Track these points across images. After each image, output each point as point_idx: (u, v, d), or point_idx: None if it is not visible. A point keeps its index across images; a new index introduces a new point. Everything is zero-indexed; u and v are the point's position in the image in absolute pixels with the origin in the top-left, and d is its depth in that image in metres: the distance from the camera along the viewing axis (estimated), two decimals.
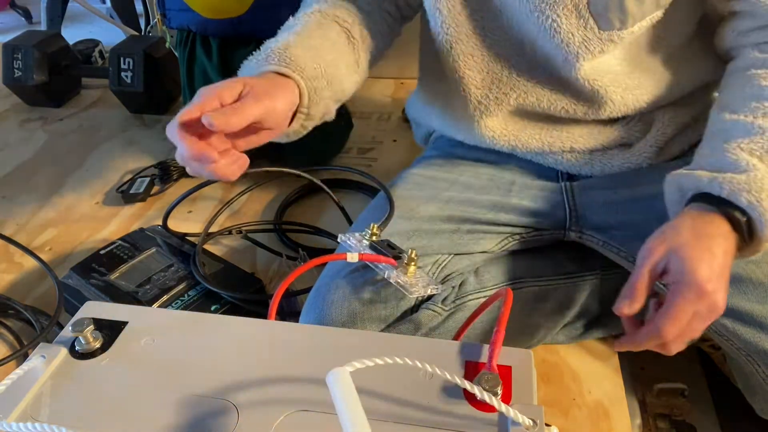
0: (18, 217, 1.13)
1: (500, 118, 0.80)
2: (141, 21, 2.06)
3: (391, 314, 0.69)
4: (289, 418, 0.45)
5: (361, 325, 0.68)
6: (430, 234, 0.75)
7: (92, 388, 0.48)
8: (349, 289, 0.69)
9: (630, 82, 0.73)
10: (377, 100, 1.50)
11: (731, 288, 0.64)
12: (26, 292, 0.95)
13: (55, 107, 1.51)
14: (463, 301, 0.72)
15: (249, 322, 0.55)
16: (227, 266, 0.90)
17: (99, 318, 0.54)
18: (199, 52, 1.17)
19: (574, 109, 0.76)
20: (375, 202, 0.84)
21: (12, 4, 2.56)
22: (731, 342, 0.66)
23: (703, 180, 0.59)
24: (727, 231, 0.57)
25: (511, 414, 0.43)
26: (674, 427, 0.85)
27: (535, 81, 0.76)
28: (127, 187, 1.17)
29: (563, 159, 0.80)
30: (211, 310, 0.81)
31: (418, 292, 0.65)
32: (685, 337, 0.57)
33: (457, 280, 0.74)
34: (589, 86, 0.72)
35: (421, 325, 0.69)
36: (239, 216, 1.10)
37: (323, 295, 0.70)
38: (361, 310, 0.68)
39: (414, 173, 0.86)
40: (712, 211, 0.58)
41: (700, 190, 0.59)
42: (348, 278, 0.70)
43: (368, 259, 0.66)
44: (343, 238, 0.72)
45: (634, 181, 0.77)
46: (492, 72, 0.77)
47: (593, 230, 0.77)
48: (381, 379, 0.47)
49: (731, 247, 0.57)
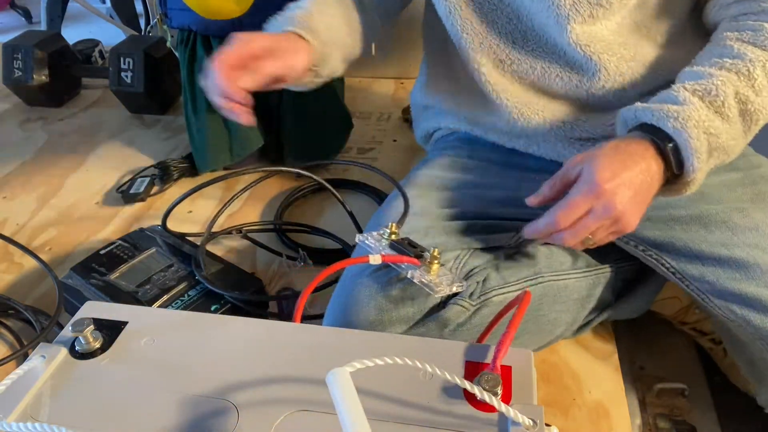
0: (18, 217, 1.13)
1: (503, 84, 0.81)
2: (141, 21, 2.06)
3: (418, 311, 0.69)
4: (289, 418, 0.45)
5: (389, 324, 0.68)
6: (447, 230, 0.75)
7: (92, 388, 0.48)
8: (375, 288, 0.69)
9: (624, 52, 0.75)
10: (377, 100, 1.50)
11: (739, 273, 0.66)
12: (26, 292, 0.95)
13: (55, 107, 1.51)
14: (487, 297, 0.72)
15: (249, 322, 0.55)
16: (227, 266, 0.90)
17: (99, 318, 0.54)
18: (200, 52, 1.17)
19: (568, 77, 0.77)
20: (387, 201, 0.83)
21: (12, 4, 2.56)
22: (743, 328, 0.67)
23: (638, 109, 0.64)
24: (651, 154, 0.61)
25: (511, 414, 0.43)
26: (674, 427, 0.85)
27: (529, 49, 0.79)
28: (127, 187, 1.17)
29: (564, 147, 0.80)
30: (211, 310, 0.81)
31: (443, 291, 0.64)
32: (579, 231, 0.62)
33: (480, 275, 0.74)
34: (581, 52, 0.74)
35: (449, 322, 0.69)
36: (239, 215, 1.10)
37: (348, 295, 0.70)
38: (389, 308, 0.68)
39: (421, 173, 0.86)
40: (640, 136, 0.62)
41: (637, 120, 0.64)
42: (372, 277, 0.70)
43: (391, 260, 0.65)
44: (360, 239, 0.71)
45: None
46: (489, 39, 0.80)
47: None
48: (381, 379, 0.47)
49: (653, 169, 0.61)
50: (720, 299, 0.68)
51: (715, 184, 0.73)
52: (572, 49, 0.74)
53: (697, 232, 0.70)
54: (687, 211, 0.72)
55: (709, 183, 0.73)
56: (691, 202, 0.72)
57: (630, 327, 0.91)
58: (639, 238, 0.75)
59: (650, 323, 0.95)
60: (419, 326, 0.69)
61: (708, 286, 0.68)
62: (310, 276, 0.95)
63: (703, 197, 0.72)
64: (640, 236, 0.74)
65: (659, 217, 0.73)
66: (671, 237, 0.72)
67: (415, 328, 0.68)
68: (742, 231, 0.68)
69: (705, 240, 0.69)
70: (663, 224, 0.73)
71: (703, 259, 0.69)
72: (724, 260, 0.67)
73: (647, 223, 0.74)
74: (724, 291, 0.67)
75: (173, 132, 1.38)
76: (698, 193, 0.73)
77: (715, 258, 0.68)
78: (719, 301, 0.68)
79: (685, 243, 0.71)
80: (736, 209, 0.70)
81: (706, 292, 0.69)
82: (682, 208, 0.72)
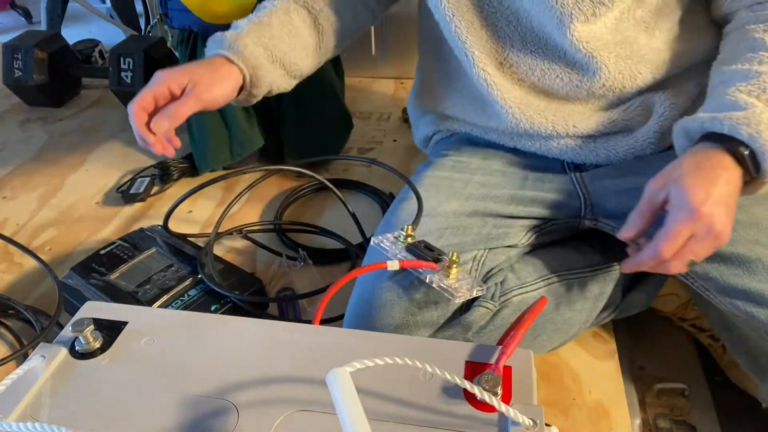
0: (18, 217, 1.13)
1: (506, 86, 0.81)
2: (141, 21, 2.06)
3: (442, 314, 0.69)
4: (289, 418, 0.45)
5: (415, 328, 0.67)
6: (460, 230, 0.75)
7: (92, 388, 0.48)
8: (398, 292, 0.68)
9: (622, 51, 0.75)
10: (377, 100, 1.50)
11: (741, 269, 0.66)
12: (26, 292, 0.95)
13: (55, 107, 1.51)
14: (507, 297, 0.72)
15: (249, 322, 0.55)
16: (227, 266, 0.90)
17: (99, 318, 0.54)
18: (200, 52, 1.17)
19: (569, 77, 0.77)
20: (397, 202, 0.83)
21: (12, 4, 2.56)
22: (748, 323, 0.67)
23: (705, 120, 0.63)
24: (730, 163, 0.61)
25: (511, 414, 0.43)
26: (674, 427, 0.85)
27: (529, 50, 0.79)
28: (127, 187, 1.17)
29: (566, 145, 0.80)
30: (211, 310, 0.81)
31: (463, 296, 0.64)
32: (684, 256, 0.61)
33: (499, 276, 0.74)
34: (582, 50, 0.74)
35: (472, 325, 0.69)
36: (239, 215, 1.10)
37: (371, 299, 0.69)
38: (414, 312, 0.68)
39: (426, 176, 0.86)
40: (714, 147, 0.62)
41: (705, 130, 0.63)
42: (394, 280, 0.69)
43: (409, 265, 0.64)
44: (376, 242, 0.70)
45: (641, 168, 0.77)
46: (489, 43, 0.80)
47: (607, 218, 0.78)
48: (381, 379, 0.47)
49: (734, 178, 0.61)
50: (724, 296, 0.68)
51: None
52: (573, 49, 0.74)
53: None
54: None
55: None
56: None
57: (630, 327, 0.91)
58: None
59: (650, 323, 0.95)
60: (445, 329, 0.69)
61: (712, 283, 0.68)
62: (310, 276, 0.95)
63: None
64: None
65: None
66: None
67: (440, 332, 0.69)
68: (743, 227, 0.68)
69: None
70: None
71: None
72: (727, 257, 0.67)
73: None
74: (728, 287, 0.67)
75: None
76: None
77: (718, 254, 0.68)
78: (723, 297, 0.68)
79: None
80: (737, 205, 0.70)
81: (710, 289, 0.69)
82: None
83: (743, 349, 0.74)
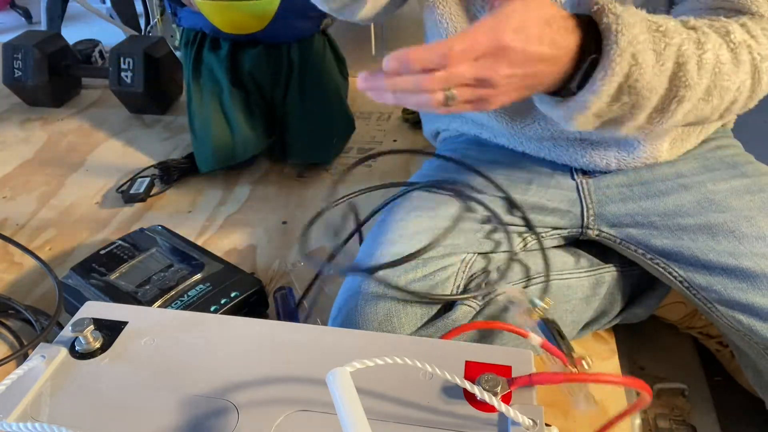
0: (18, 217, 1.13)
1: None
2: (141, 21, 2.06)
3: (426, 313, 0.69)
4: (289, 418, 0.45)
5: (399, 324, 0.68)
6: (456, 232, 0.75)
7: (92, 388, 0.48)
8: (382, 289, 0.69)
9: None
10: None
11: (746, 283, 0.66)
12: (26, 292, 0.95)
13: (55, 107, 1.51)
14: (490, 296, 0.72)
15: (249, 322, 0.55)
16: (227, 266, 0.90)
17: (99, 318, 0.54)
18: (206, 52, 1.18)
19: None
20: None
21: (12, 4, 2.57)
22: (749, 337, 0.67)
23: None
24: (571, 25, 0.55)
25: (511, 414, 0.43)
26: (674, 427, 0.85)
27: None
28: (127, 187, 1.17)
29: (576, 152, 0.79)
30: (211, 310, 0.81)
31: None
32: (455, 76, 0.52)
33: (483, 278, 0.74)
34: None
35: (456, 323, 0.69)
36: (240, 215, 1.10)
37: (357, 292, 0.70)
38: (398, 307, 0.68)
39: (429, 176, 0.86)
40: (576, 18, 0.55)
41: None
42: (378, 278, 0.70)
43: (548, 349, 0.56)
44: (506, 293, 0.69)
45: (648, 177, 0.77)
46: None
47: (610, 228, 0.78)
48: (381, 379, 0.47)
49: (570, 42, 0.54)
50: (726, 308, 0.67)
51: (723, 191, 0.73)
52: None
53: (704, 241, 0.70)
54: (695, 220, 0.72)
55: (717, 189, 0.73)
56: (699, 209, 0.72)
57: (630, 327, 0.91)
58: (646, 247, 0.74)
59: (650, 323, 0.95)
60: (428, 327, 0.69)
61: (715, 296, 0.68)
62: (309, 276, 0.95)
63: (711, 204, 0.72)
64: (647, 245, 0.74)
65: (666, 225, 0.73)
66: (679, 246, 0.71)
67: (423, 329, 0.69)
68: (749, 240, 0.68)
69: (713, 249, 0.69)
70: (670, 233, 0.72)
71: (711, 269, 0.69)
72: (732, 270, 0.67)
73: (654, 231, 0.74)
74: (731, 300, 0.67)
75: (173, 132, 1.38)
76: (706, 200, 0.72)
77: (723, 267, 0.68)
78: (726, 310, 0.67)
79: (692, 252, 0.70)
80: (743, 218, 0.70)
81: (713, 302, 0.68)
82: (690, 216, 0.72)
83: (747, 361, 0.74)
